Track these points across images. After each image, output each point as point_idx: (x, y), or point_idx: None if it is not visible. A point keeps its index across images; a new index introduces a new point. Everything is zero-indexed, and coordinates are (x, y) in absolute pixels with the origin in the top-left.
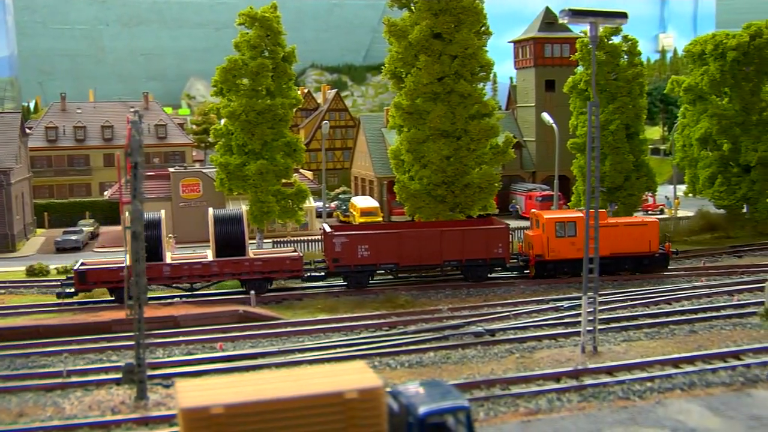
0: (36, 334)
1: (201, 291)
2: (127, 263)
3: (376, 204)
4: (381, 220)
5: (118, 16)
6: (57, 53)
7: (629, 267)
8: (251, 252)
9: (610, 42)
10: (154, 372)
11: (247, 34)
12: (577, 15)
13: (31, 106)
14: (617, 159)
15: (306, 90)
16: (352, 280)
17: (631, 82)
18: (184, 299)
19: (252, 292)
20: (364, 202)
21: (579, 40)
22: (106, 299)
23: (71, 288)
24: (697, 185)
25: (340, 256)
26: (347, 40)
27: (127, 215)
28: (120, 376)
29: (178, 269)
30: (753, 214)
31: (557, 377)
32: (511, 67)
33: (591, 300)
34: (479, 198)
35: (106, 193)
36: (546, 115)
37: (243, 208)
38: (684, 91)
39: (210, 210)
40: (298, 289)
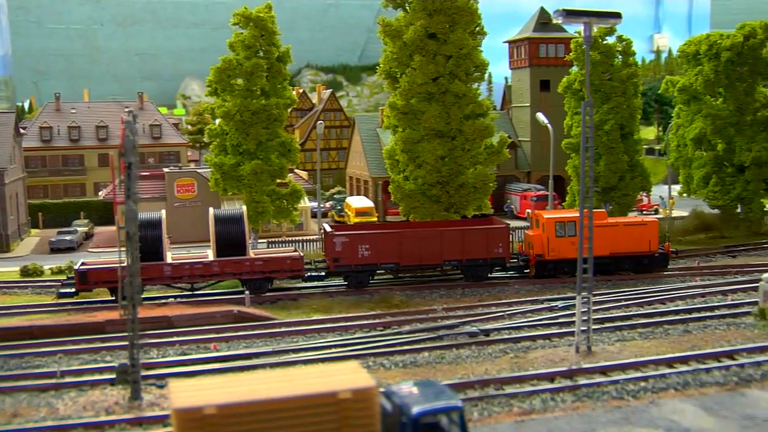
0: (30, 334)
1: (195, 291)
2: (128, 263)
3: (371, 204)
4: (376, 220)
5: (112, 15)
6: (51, 53)
7: (629, 267)
8: (252, 252)
9: (604, 42)
10: (148, 372)
11: (242, 34)
12: (571, 15)
13: (26, 105)
14: (612, 159)
15: (301, 90)
16: (352, 279)
17: (626, 82)
18: (178, 299)
19: (247, 292)
20: (359, 202)
21: (573, 40)
22: (100, 299)
23: (72, 288)
24: (692, 185)
25: (340, 255)
26: (342, 40)
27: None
28: (114, 376)
29: (179, 269)
30: (747, 214)
31: (551, 377)
32: (506, 68)
33: (585, 300)
34: (474, 198)
35: (100, 194)
36: (541, 115)
37: (243, 208)
38: (678, 92)
39: (211, 210)
40: (293, 290)
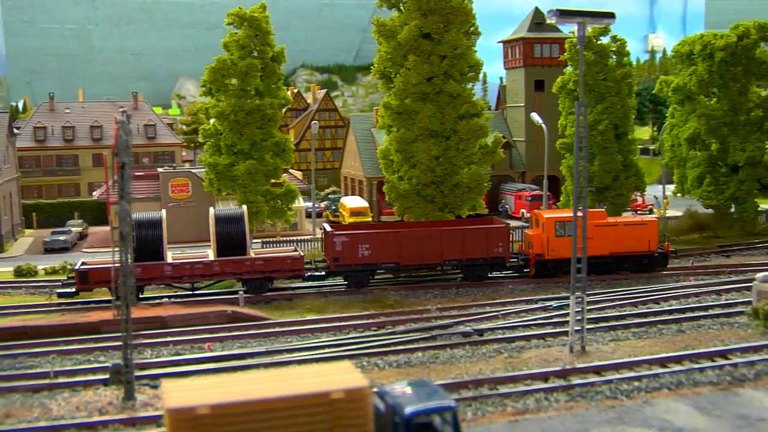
0: (23, 334)
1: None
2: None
3: (365, 204)
4: (371, 220)
5: (107, 15)
6: (46, 53)
7: (629, 266)
8: (252, 251)
9: (598, 42)
10: (141, 372)
11: (236, 33)
12: (565, 15)
13: (20, 105)
14: (606, 159)
15: (296, 90)
16: (352, 279)
17: (620, 82)
18: (172, 299)
19: (241, 292)
20: (353, 202)
21: (568, 40)
22: (95, 299)
23: (72, 287)
24: (686, 185)
25: (340, 255)
26: (337, 40)
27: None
28: (107, 376)
29: (179, 269)
30: (741, 213)
31: (545, 377)
32: (501, 68)
33: (579, 300)
34: (468, 198)
35: (94, 194)
36: (535, 115)
37: (244, 207)
38: (672, 92)
39: (211, 209)
40: (287, 290)
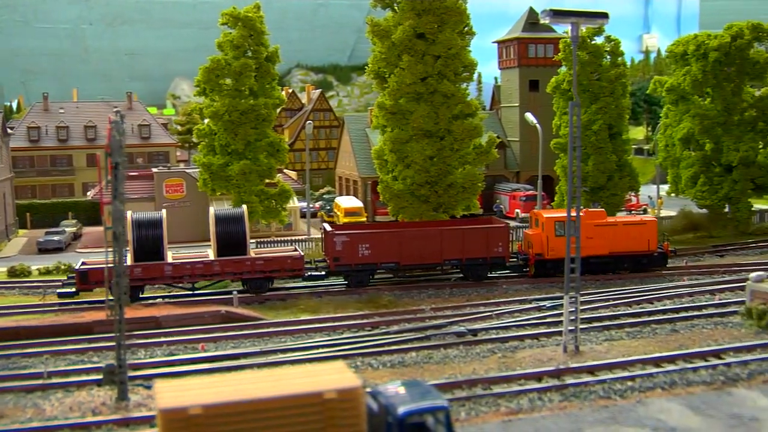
0: (16, 335)
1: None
2: (129, 262)
3: (360, 204)
4: (365, 220)
5: (101, 15)
6: (40, 52)
7: (628, 266)
8: (252, 251)
9: (593, 42)
10: (135, 373)
11: (230, 33)
12: (558, 15)
13: (14, 105)
14: (600, 159)
15: (290, 90)
16: (352, 279)
17: (614, 82)
18: (166, 299)
19: (235, 292)
20: (348, 202)
21: (562, 40)
22: (88, 300)
23: (72, 287)
24: (680, 185)
25: (340, 255)
26: (332, 40)
27: (129, 214)
28: (101, 377)
29: (179, 268)
30: (735, 213)
31: (539, 377)
32: (496, 67)
33: (572, 300)
34: (462, 198)
35: (89, 194)
36: (529, 115)
37: (244, 207)
38: (666, 92)
39: (211, 209)
40: (281, 290)
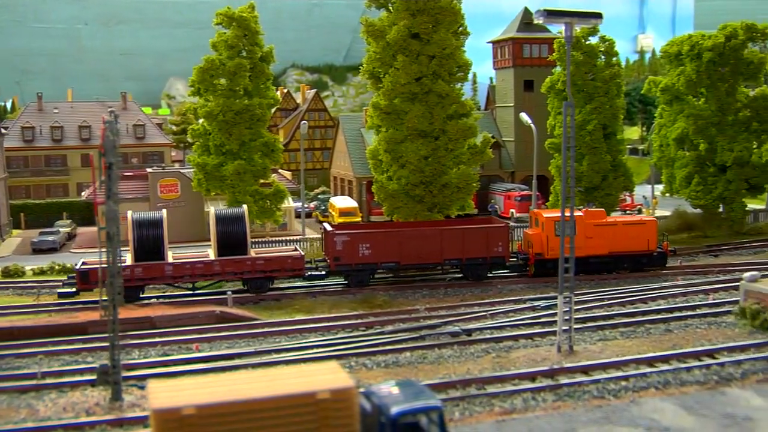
0: (10, 335)
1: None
2: (129, 262)
3: (354, 204)
4: (360, 220)
5: (97, 15)
6: (35, 52)
7: (628, 266)
8: (252, 251)
9: (587, 42)
10: (129, 373)
11: (225, 33)
12: (552, 15)
13: (8, 105)
14: (594, 159)
15: (285, 90)
16: (353, 278)
17: (609, 82)
18: (160, 299)
19: (229, 292)
20: (342, 202)
21: (557, 40)
22: (83, 300)
23: (73, 287)
24: (674, 185)
25: (341, 254)
26: (328, 40)
27: (129, 214)
28: (95, 377)
29: (180, 268)
30: (729, 213)
31: (533, 377)
32: (491, 68)
33: (567, 300)
34: (457, 198)
35: (83, 194)
36: (524, 115)
37: (244, 207)
38: (661, 92)
39: (212, 209)
40: (276, 290)
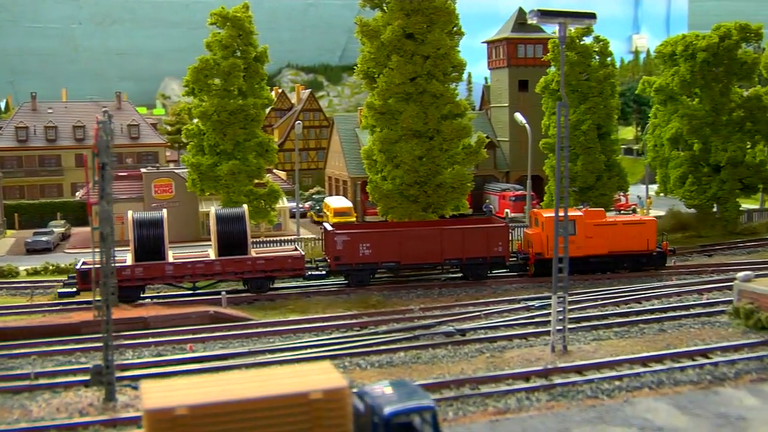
0: (3, 336)
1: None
2: (129, 262)
3: (349, 204)
4: (354, 220)
5: (91, 14)
6: (29, 52)
7: (627, 265)
8: (253, 251)
9: (581, 43)
10: (123, 374)
11: (219, 33)
12: (546, 15)
13: (2, 105)
14: (589, 159)
15: (280, 90)
16: (353, 278)
17: (603, 82)
18: (154, 300)
19: (223, 292)
20: (337, 202)
21: (551, 40)
22: (77, 300)
23: (73, 287)
24: (668, 185)
25: (341, 254)
26: (323, 40)
27: (130, 214)
28: (88, 377)
29: (180, 268)
30: (723, 213)
31: (527, 376)
32: (485, 68)
33: (560, 299)
34: (451, 198)
35: (77, 194)
36: (519, 116)
37: (245, 207)
38: (655, 92)
39: (212, 209)
40: (270, 290)
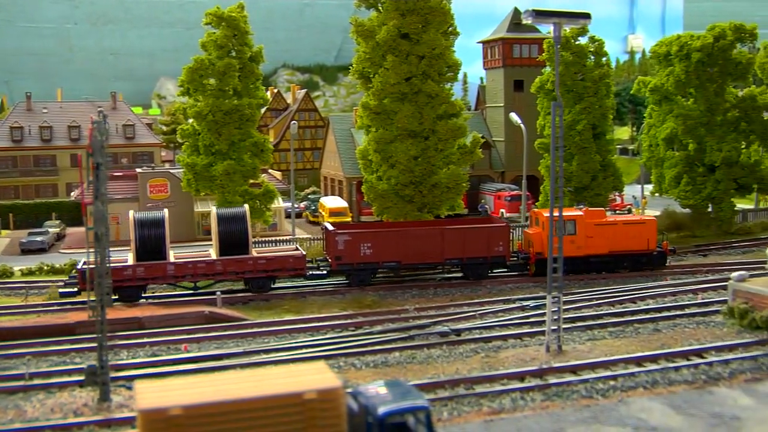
0: None
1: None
2: (131, 262)
3: (344, 204)
4: (350, 220)
5: (86, 14)
6: (24, 52)
7: (628, 265)
8: (254, 250)
9: (576, 43)
10: (118, 374)
11: (214, 33)
12: (541, 16)
13: None
14: (584, 159)
15: (276, 90)
16: (354, 278)
17: (598, 82)
18: (149, 300)
19: (218, 292)
20: (333, 202)
21: (546, 40)
22: (71, 301)
23: (74, 287)
24: (663, 185)
25: (342, 254)
26: (319, 39)
27: (131, 214)
28: (83, 378)
29: (182, 268)
30: (718, 213)
31: (521, 376)
32: (481, 68)
33: (555, 299)
34: (447, 198)
35: (72, 194)
36: (514, 116)
37: (246, 207)
38: (650, 92)
39: (213, 209)
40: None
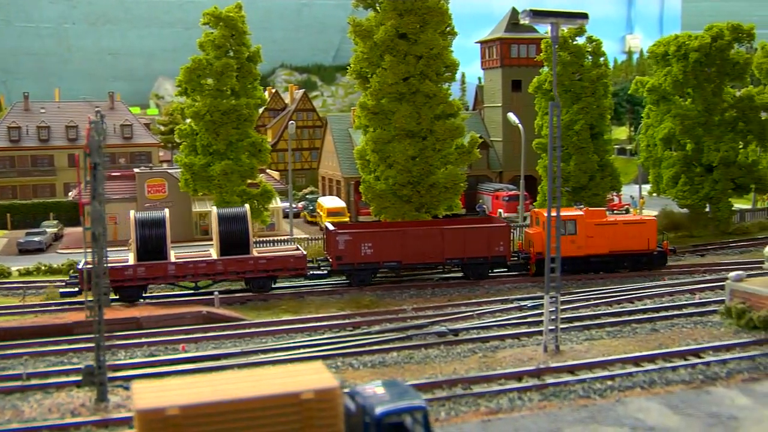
0: None
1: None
2: (131, 262)
3: (342, 204)
4: (348, 220)
5: (84, 14)
6: (22, 52)
7: (628, 265)
8: (254, 250)
9: (574, 43)
10: (115, 374)
11: (212, 33)
12: (538, 16)
13: None
14: (582, 159)
15: (274, 90)
16: (355, 277)
17: (596, 82)
18: (147, 300)
19: (216, 292)
20: (331, 202)
21: (544, 40)
22: (68, 301)
23: (75, 287)
24: (661, 185)
25: (343, 253)
26: (317, 40)
27: (132, 213)
28: (80, 378)
29: (182, 268)
30: (715, 213)
31: (519, 376)
32: (479, 68)
33: (553, 299)
34: (444, 198)
35: (70, 194)
36: (512, 116)
37: (246, 207)
38: (648, 92)
39: (214, 209)
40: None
